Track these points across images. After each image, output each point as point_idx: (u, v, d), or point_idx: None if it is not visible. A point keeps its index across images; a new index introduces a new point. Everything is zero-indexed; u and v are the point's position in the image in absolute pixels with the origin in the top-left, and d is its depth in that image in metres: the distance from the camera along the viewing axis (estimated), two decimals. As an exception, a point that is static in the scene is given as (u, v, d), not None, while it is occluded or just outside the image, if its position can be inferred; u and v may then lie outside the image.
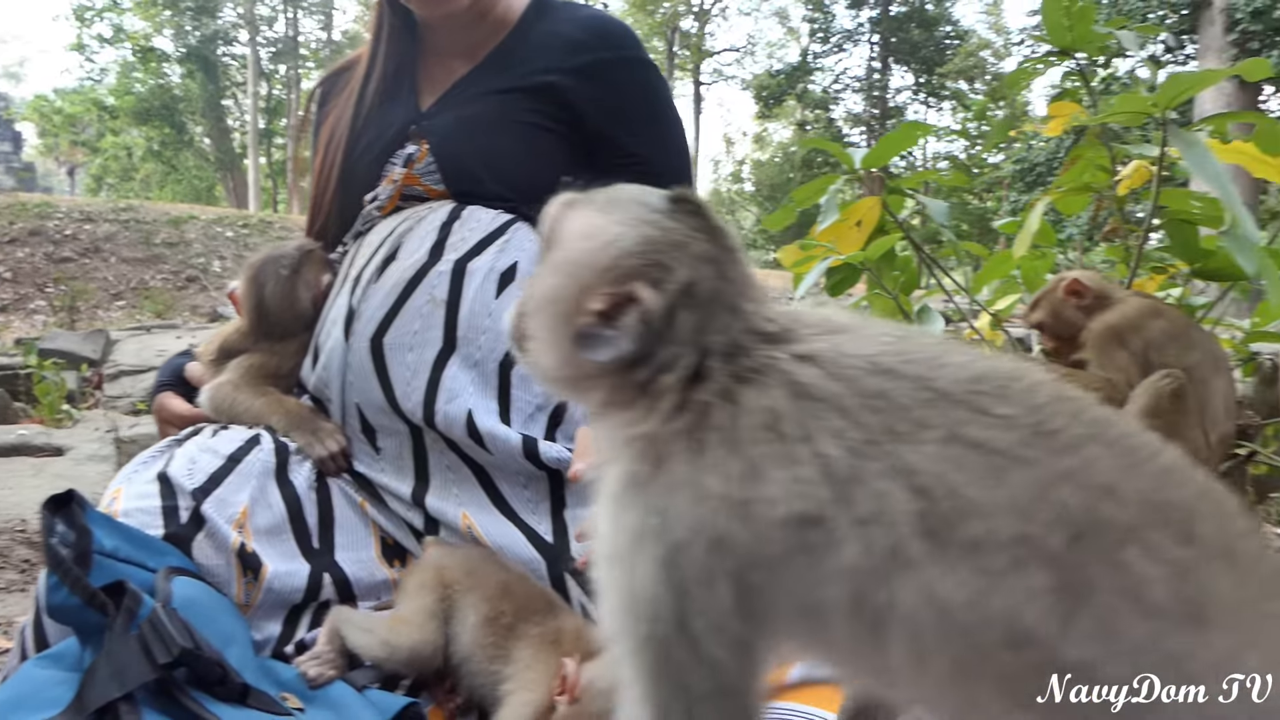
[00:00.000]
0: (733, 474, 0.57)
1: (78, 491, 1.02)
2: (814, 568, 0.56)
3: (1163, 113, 1.78)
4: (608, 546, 0.62)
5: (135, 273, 18.20)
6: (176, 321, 11.99)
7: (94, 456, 2.63)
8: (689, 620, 0.58)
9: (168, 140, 31.98)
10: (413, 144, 1.41)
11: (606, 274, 0.64)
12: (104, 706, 0.87)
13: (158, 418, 1.47)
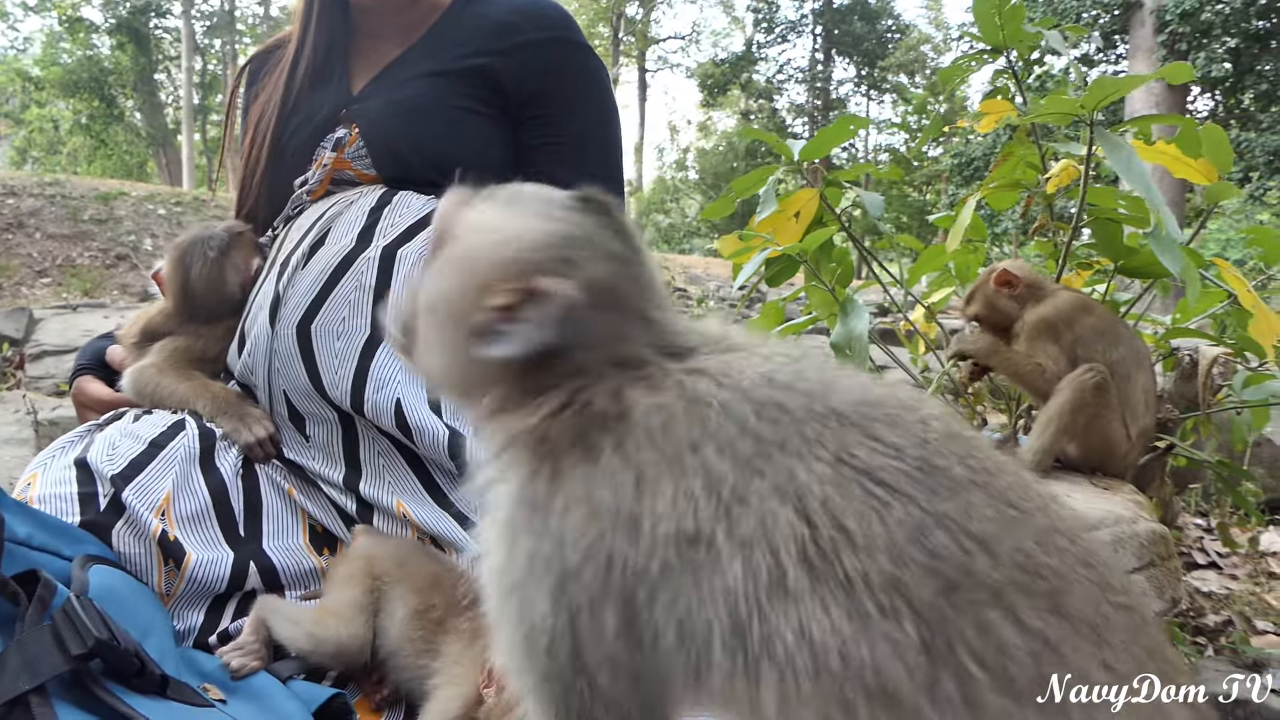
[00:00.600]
0: (624, 485, 0.55)
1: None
2: (696, 587, 0.53)
3: (1090, 114, 1.83)
4: (504, 577, 0.59)
5: (61, 249, 17.60)
6: (105, 301, 11.64)
7: (11, 440, 2.54)
8: (583, 652, 0.56)
9: (97, 114, 30.87)
10: (343, 128, 1.38)
11: (510, 268, 0.62)
12: (13, 699, 0.85)
13: (76, 402, 1.43)
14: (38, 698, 0.85)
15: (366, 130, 1.35)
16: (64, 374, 4.87)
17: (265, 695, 1.02)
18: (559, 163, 1.36)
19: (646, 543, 0.54)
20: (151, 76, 32.10)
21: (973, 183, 23.43)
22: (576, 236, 0.64)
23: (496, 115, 1.36)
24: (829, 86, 35.90)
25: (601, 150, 1.41)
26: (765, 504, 0.53)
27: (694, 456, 0.55)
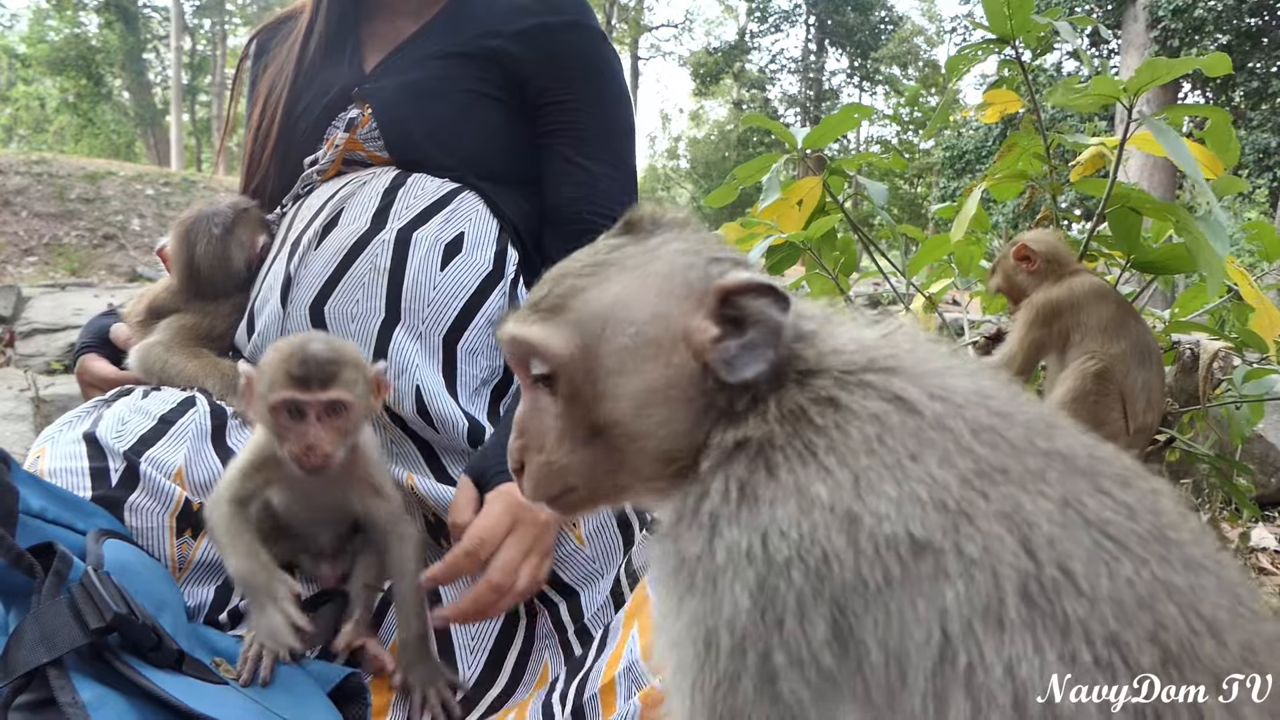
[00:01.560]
0: (843, 483, 0.53)
1: (3, 449, 0.98)
2: (914, 602, 0.50)
3: (1131, 98, 1.81)
4: (692, 571, 0.55)
5: (48, 228, 17.44)
6: (93, 280, 11.55)
7: (10, 415, 2.51)
8: (773, 656, 0.52)
9: (84, 92, 30.54)
10: (356, 107, 1.37)
11: (720, 289, 0.60)
12: (31, 671, 0.84)
13: (81, 380, 1.41)
14: (55, 670, 0.84)
15: (379, 112, 1.33)
16: (55, 352, 4.84)
17: (281, 675, 1.02)
18: (573, 149, 1.36)
19: (867, 545, 0.51)
20: (140, 56, 31.78)
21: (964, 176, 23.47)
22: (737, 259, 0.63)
23: (510, 99, 1.35)
24: (821, 77, 35.89)
25: (615, 137, 1.40)
26: (991, 527, 0.50)
27: (915, 464, 0.52)
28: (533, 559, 1.06)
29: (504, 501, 1.06)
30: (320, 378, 0.99)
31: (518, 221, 1.32)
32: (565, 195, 1.36)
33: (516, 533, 1.05)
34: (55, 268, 15.31)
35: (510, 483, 1.05)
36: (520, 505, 1.05)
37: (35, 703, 0.84)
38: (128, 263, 16.56)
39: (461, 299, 1.23)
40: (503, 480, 1.07)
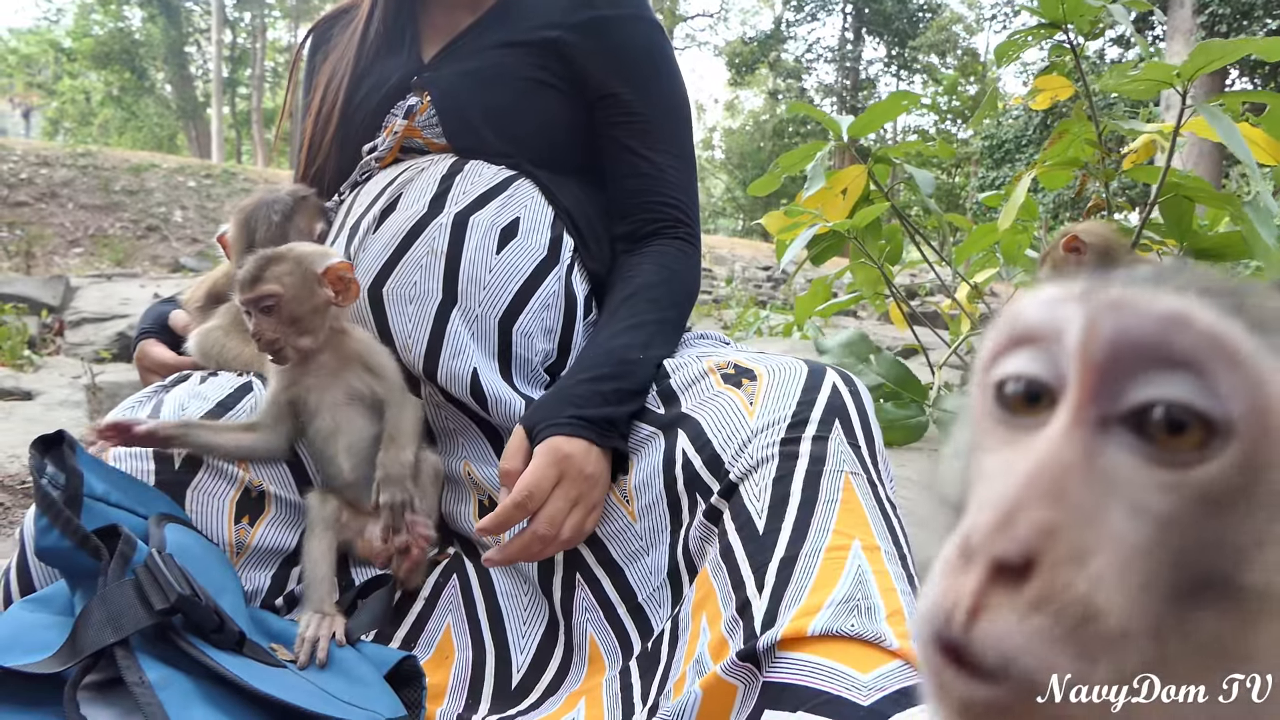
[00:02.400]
0: None
1: (68, 433, 1.00)
2: None
3: (1185, 84, 1.78)
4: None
5: (94, 220, 17.78)
6: (137, 270, 11.76)
7: (65, 402, 2.56)
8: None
9: (128, 86, 31.14)
10: (414, 95, 1.38)
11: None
12: (98, 651, 0.85)
13: (140, 366, 1.43)
14: (122, 650, 0.86)
15: (439, 99, 1.34)
16: (103, 340, 4.93)
17: (337, 658, 1.03)
18: (636, 141, 1.35)
19: None
20: (182, 49, 32.30)
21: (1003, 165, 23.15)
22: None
23: (568, 89, 1.35)
24: (858, 66, 35.57)
25: (676, 128, 1.40)
26: None
27: None
28: (578, 512, 1.08)
29: (552, 454, 1.08)
30: (249, 279, 1.12)
31: (572, 209, 1.32)
32: (630, 187, 1.36)
33: (563, 485, 1.07)
34: (101, 258, 15.60)
35: (559, 436, 1.08)
36: (566, 458, 1.07)
37: (103, 682, 0.85)
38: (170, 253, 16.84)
39: (517, 283, 1.23)
40: (552, 433, 1.09)
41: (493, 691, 1.10)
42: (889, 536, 0.97)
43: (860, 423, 1.05)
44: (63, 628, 0.93)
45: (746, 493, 1.00)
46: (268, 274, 1.12)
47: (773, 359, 1.14)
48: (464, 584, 1.21)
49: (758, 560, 0.94)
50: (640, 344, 1.20)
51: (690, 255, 1.37)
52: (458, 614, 1.18)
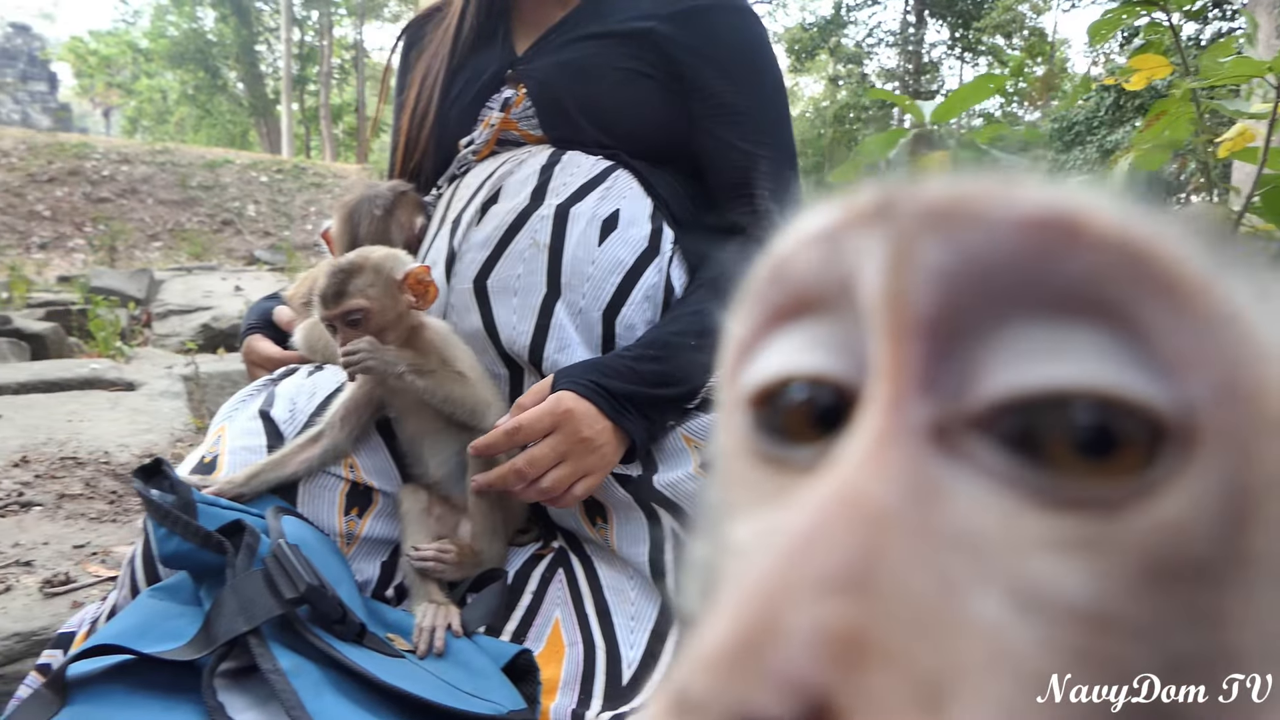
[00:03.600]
0: None
1: (162, 459, 1.02)
2: None
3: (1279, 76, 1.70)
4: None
5: (172, 214, 18.35)
6: (214, 263, 12.12)
7: (166, 393, 2.64)
8: None
9: (202, 84, 32.06)
10: (509, 88, 1.39)
11: None
12: (231, 639, 0.87)
13: (247, 360, 1.47)
14: (255, 639, 0.87)
15: (534, 91, 1.35)
16: (188, 332, 5.09)
17: (454, 649, 1.04)
18: (733, 134, 1.34)
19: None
20: (252, 48, 33.08)
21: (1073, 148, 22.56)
22: None
23: (663, 79, 1.34)
24: (921, 50, 34.87)
25: (773, 118, 1.38)
26: None
27: None
28: (565, 467, 1.10)
29: (555, 404, 1.10)
30: (333, 294, 1.12)
31: (671, 200, 1.31)
32: (725, 178, 1.35)
33: (555, 436, 1.09)
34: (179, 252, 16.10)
35: (569, 392, 1.10)
36: (567, 412, 1.09)
37: (238, 670, 0.87)
38: (245, 246, 17.31)
39: (619, 275, 1.23)
40: (565, 387, 1.11)
41: (605, 688, 1.10)
42: None
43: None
44: (191, 616, 0.95)
45: None
46: (350, 287, 1.12)
47: None
48: (570, 578, 1.22)
49: None
50: (695, 332, 1.19)
51: None
52: (566, 609, 1.18)
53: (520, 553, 1.28)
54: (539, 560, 1.25)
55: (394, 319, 1.15)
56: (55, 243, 16.66)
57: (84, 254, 15.79)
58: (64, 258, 15.71)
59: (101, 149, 20.46)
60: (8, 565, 1.41)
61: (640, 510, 1.17)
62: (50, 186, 18.42)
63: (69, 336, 4.77)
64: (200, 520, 0.99)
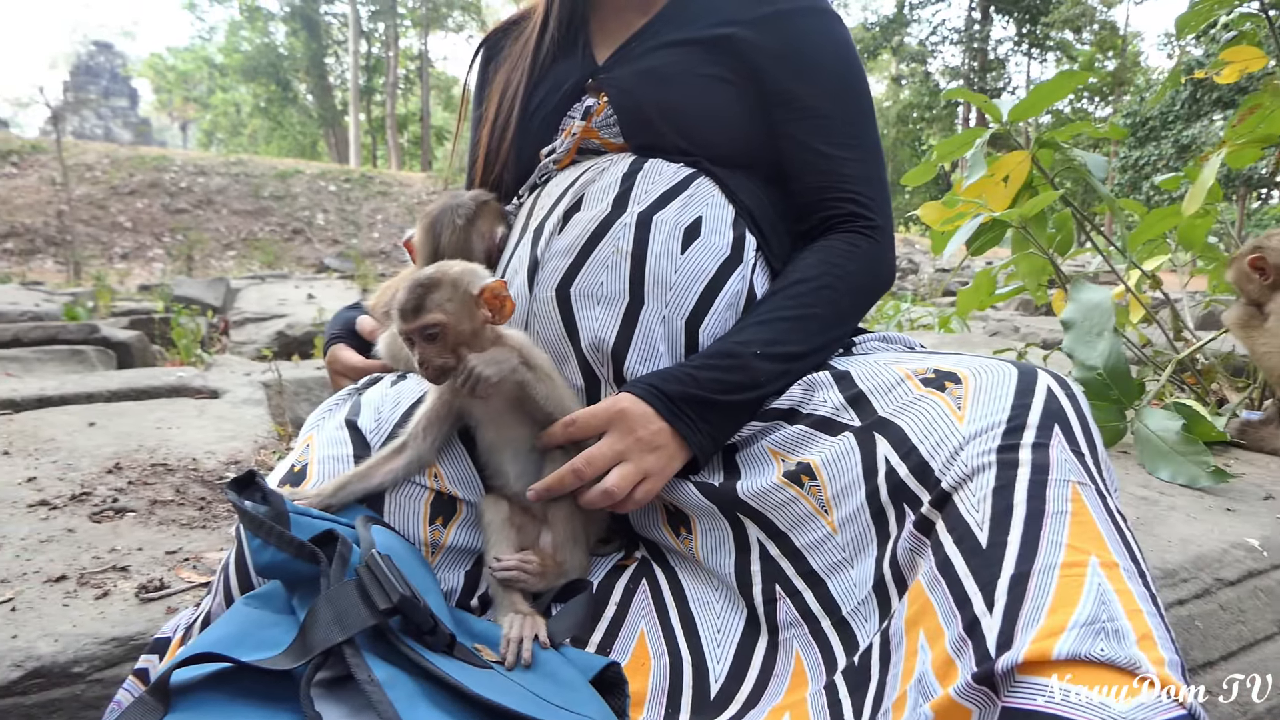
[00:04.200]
0: None
1: (253, 469, 1.04)
2: None
3: None
4: None
5: (245, 224, 18.91)
6: (285, 271, 12.45)
7: (249, 400, 2.70)
8: None
9: (273, 97, 33.00)
10: (591, 97, 1.39)
11: None
12: (326, 650, 0.88)
13: (331, 370, 1.49)
14: (350, 649, 0.88)
15: (616, 99, 1.34)
16: (264, 339, 5.21)
17: (541, 660, 1.03)
18: (815, 136, 1.32)
19: None
20: (322, 60, 33.93)
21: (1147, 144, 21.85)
22: None
23: (744, 85, 1.32)
24: (986, 46, 34.19)
25: (857, 121, 1.35)
26: None
27: None
28: (626, 467, 1.11)
29: (612, 404, 1.13)
30: (411, 309, 1.13)
31: (753, 207, 1.30)
32: (807, 183, 1.33)
33: (611, 435, 1.12)
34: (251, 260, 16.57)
35: (626, 394, 1.13)
36: (622, 412, 1.12)
37: (333, 679, 0.87)
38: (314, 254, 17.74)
39: (702, 282, 1.21)
40: (626, 391, 1.15)
41: (692, 701, 1.08)
42: (1125, 552, 0.89)
43: (1081, 428, 0.98)
44: (285, 625, 0.96)
45: (963, 503, 0.93)
46: (428, 302, 1.12)
47: (975, 360, 1.08)
48: (654, 589, 1.21)
49: (984, 576, 0.88)
50: (762, 341, 1.17)
51: (865, 249, 1.31)
52: (650, 620, 1.17)
53: (603, 563, 1.27)
54: (622, 571, 1.25)
55: (470, 334, 1.15)
56: (135, 252, 17.29)
57: (162, 263, 16.36)
58: (144, 267, 16.30)
59: (179, 161, 21.18)
60: (105, 570, 1.45)
61: (724, 520, 1.15)
62: (131, 198, 19.13)
63: (152, 344, 4.93)
64: (292, 530, 1.00)
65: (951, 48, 35.06)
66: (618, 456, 1.11)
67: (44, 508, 1.74)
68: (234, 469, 2.04)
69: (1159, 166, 20.74)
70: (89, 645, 1.24)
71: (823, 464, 1.07)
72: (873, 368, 1.13)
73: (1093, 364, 1.89)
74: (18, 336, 4.58)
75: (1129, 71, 32.30)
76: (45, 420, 2.43)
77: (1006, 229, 2.48)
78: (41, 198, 17.85)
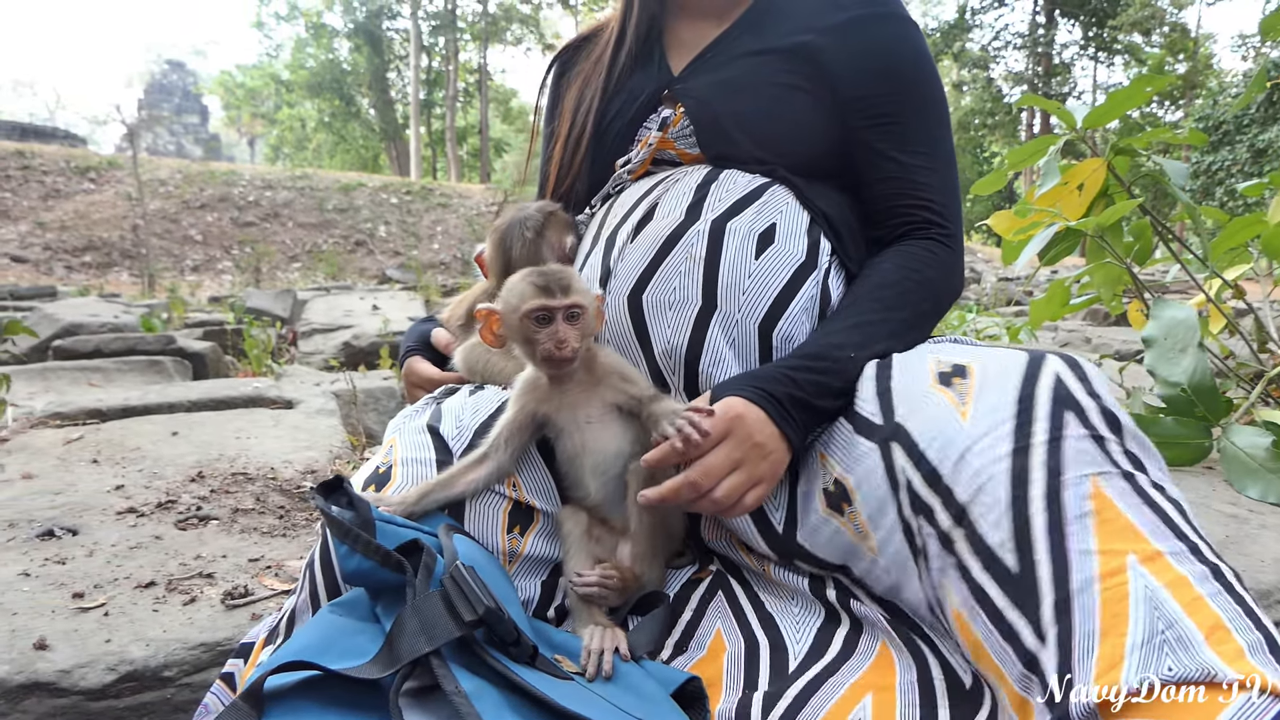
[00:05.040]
0: None
1: (344, 477, 1.05)
2: None
3: None
4: None
5: (310, 236, 19.36)
6: (349, 283, 12.71)
7: (321, 410, 2.77)
8: None
9: (337, 112, 33.79)
10: (667, 107, 1.39)
11: None
12: (413, 660, 0.89)
13: (407, 381, 1.52)
14: (436, 659, 0.89)
15: (693, 109, 1.35)
16: (331, 350, 5.32)
17: (622, 673, 1.03)
18: (890, 143, 1.31)
19: None
20: (384, 75, 34.65)
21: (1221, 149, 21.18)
22: None
23: (821, 93, 1.32)
24: (1051, 51, 33.52)
25: (932, 128, 1.34)
26: None
27: None
28: (739, 475, 1.06)
29: (724, 410, 1.07)
30: (561, 287, 1.15)
31: (830, 213, 1.29)
32: (882, 190, 1.32)
33: (728, 443, 1.06)
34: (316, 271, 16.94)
35: (735, 397, 1.08)
36: (737, 417, 1.06)
37: (420, 689, 0.89)
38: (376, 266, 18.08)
39: (775, 288, 1.21)
40: (730, 394, 1.10)
41: (769, 676, 1.07)
42: (1168, 533, 0.83)
43: (1097, 409, 0.92)
44: (370, 634, 0.98)
45: (981, 520, 0.89)
46: (576, 285, 1.16)
47: (986, 350, 1.04)
48: (730, 598, 1.20)
49: (1025, 604, 0.84)
50: (854, 344, 1.14)
51: (940, 256, 1.30)
52: (727, 620, 1.17)
53: (677, 576, 1.27)
54: (696, 584, 1.24)
55: (591, 331, 1.19)
56: (206, 265, 17.81)
57: (231, 275, 16.82)
58: (214, 279, 16.78)
59: (247, 176, 21.78)
60: (191, 577, 1.49)
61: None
62: (201, 212, 19.72)
63: (224, 355, 5.07)
64: (378, 538, 1.02)
65: (1015, 52, 34.46)
66: (733, 465, 1.07)
67: (132, 515, 1.79)
68: (310, 478, 2.08)
69: (1233, 172, 20.11)
70: (178, 650, 1.28)
71: (856, 484, 1.04)
72: (910, 359, 1.10)
73: (1176, 380, 1.84)
74: (99, 347, 4.74)
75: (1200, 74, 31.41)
76: (131, 430, 2.51)
77: (1080, 238, 2.43)
78: (117, 212, 18.50)
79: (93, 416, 2.78)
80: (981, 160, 35.25)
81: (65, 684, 1.21)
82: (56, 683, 1.21)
